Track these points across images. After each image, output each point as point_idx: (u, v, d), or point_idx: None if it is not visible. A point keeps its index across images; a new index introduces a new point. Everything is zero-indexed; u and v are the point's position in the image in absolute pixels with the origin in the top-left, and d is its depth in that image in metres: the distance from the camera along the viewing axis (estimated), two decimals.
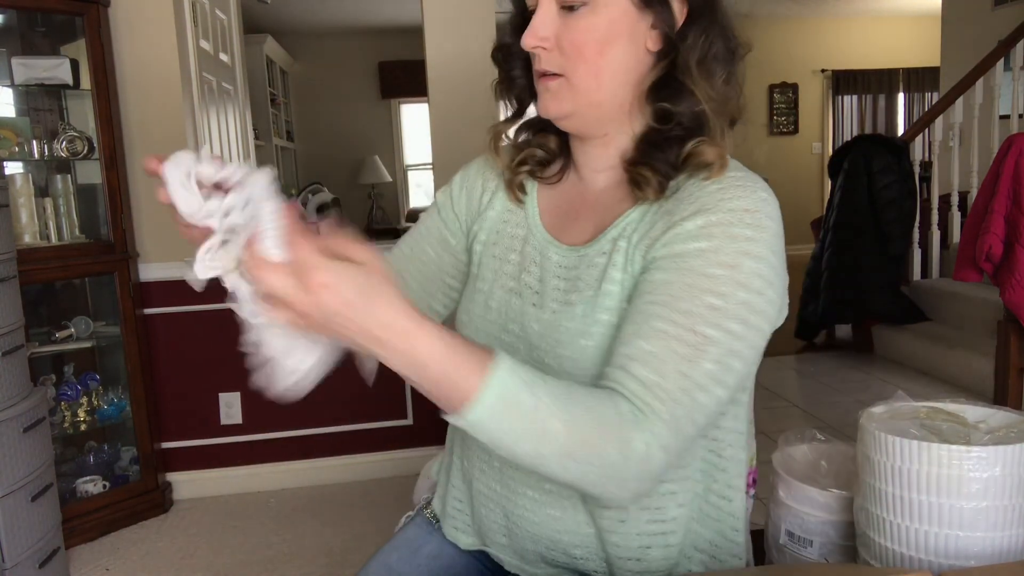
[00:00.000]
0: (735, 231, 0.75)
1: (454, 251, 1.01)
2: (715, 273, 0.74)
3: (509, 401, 0.67)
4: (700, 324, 0.73)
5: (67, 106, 2.73)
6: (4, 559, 1.89)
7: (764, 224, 0.76)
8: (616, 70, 0.82)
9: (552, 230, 0.91)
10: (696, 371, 0.73)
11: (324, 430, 2.95)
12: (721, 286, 0.74)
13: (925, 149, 5.17)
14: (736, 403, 0.88)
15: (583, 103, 0.83)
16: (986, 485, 0.75)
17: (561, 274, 0.88)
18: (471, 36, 2.80)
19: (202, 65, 3.05)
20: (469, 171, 1.03)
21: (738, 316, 0.74)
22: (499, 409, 0.67)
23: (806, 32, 8.20)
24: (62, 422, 2.59)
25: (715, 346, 0.73)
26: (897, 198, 4.04)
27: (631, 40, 0.81)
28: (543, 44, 0.82)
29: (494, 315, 0.92)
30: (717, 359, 0.74)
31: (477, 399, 0.66)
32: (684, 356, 0.73)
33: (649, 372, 0.73)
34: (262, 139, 5.74)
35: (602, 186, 0.90)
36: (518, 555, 0.94)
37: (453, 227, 1.01)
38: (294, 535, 2.55)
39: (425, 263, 1.02)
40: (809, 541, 0.94)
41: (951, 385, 3.65)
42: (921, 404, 0.89)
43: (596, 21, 0.80)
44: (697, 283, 0.74)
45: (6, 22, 2.70)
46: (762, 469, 0.98)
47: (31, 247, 2.47)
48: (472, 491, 0.98)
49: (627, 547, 0.87)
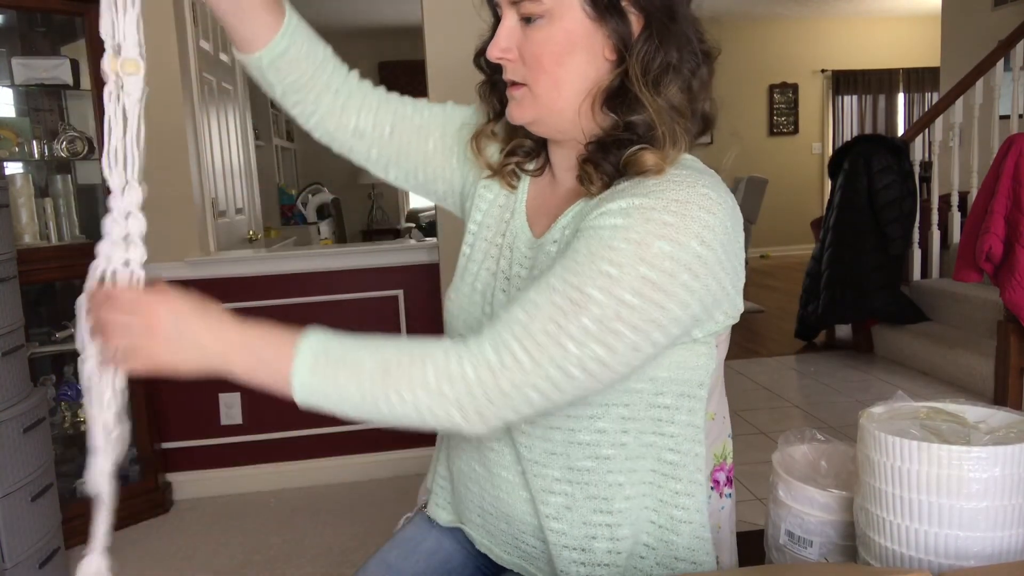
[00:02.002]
0: (654, 215, 0.76)
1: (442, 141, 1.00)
2: (618, 246, 0.75)
3: (320, 353, 0.76)
4: (588, 286, 0.75)
5: (67, 106, 2.73)
6: (4, 559, 1.89)
7: (693, 214, 0.76)
8: (575, 79, 0.83)
9: (529, 220, 0.94)
10: (570, 324, 0.75)
11: (324, 430, 2.95)
12: (620, 257, 0.75)
13: (925, 149, 5.17)
14: (692, 398, 0.88)
15: (545, 111, 0.85)
16: (986, 485, 0.75)
17: (523, 263, 0.92)
18: (471, 36, 2.79)
19: (202, 65, 3.05)
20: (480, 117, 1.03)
21: (633, 287, 0.74)
22: (314, 364, 0.76)
23: (806, 32, 8.20)
24: (62, 422, 2.59)
25: (598, 307, 0.75)
26: (897, 198, 4.04)
27: (588, 50, 0.82)
28: (506, 55, 0.84)
29: (478, 297, 0.95)
30: (599, 319, 0.74)
31: (294, 361, 0.76)
32: (562, 308, 0.75)
33: (521, 313, 0.77)
34: (262, 139, 5.73)
35: (568, 184, 0.92)
36: (490, 535, 0.97)
37: (452, 130, 1.01)
38: (294, 535, 2.56)
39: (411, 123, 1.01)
40: (809, 541, 0.94)
41: (951, 385, 3.65)
42: (921, 404, 0.90)
43: (552, 33, 0.81)
44: (598, 251, 0.76)
45: (6, 22, 2.70)
46: (762, 469, 0.98)
47: (31, 247, 2.47)
48: (453, 469, 1.01)
49: (572, 535, 0.88)
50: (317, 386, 0.77)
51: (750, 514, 2.36)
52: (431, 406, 0.76)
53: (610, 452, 0.86)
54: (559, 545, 0.89)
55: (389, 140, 0.99)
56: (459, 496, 1.01)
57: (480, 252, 0.97)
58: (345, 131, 0.99)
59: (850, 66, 8.35)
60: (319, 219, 6.10)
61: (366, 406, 0.77)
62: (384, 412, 0.77)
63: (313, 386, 0.77)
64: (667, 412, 0.87)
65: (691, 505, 0.90)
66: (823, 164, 8.05)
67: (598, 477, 0.86)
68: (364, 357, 0.77)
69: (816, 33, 8.24)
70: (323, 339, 0.78)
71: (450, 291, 1.00)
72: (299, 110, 0.98)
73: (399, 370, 0.76)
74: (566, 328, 0.75)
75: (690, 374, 0.86)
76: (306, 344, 0.77)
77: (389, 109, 1.00)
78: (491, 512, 0.96)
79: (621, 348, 0.76)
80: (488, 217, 0.98)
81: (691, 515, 0.90)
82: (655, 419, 0.86)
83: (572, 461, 0.86)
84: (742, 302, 0.85)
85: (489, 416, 0.77)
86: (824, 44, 8.30)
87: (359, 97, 0.99)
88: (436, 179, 1.02)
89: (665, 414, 0.87)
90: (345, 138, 1.00)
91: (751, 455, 2.74)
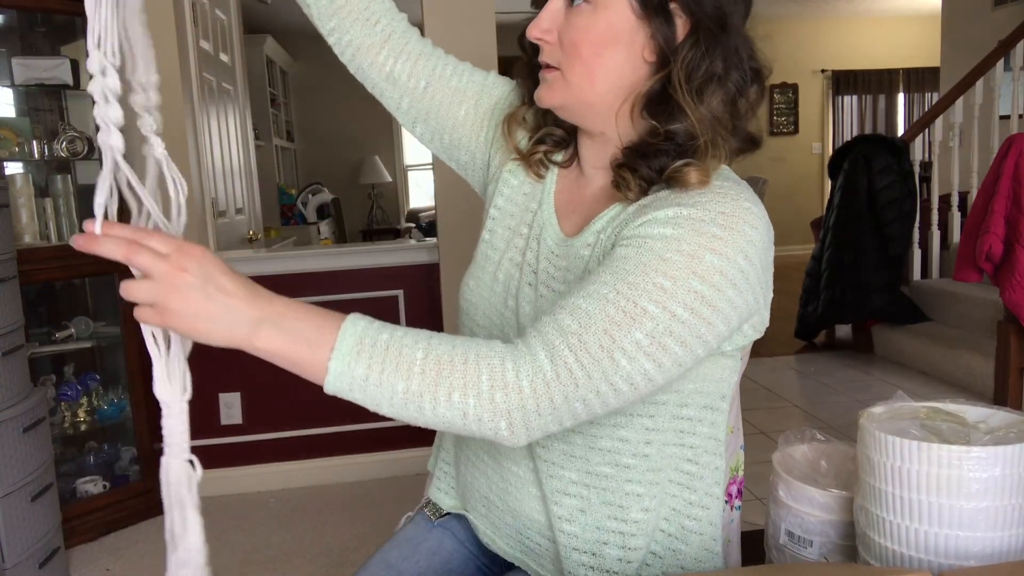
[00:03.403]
0: (704, 228, 0.75)
1: (475, 112, 0.98)
2: (671, 258, 0.74)
3: (366, 342, 0.70)
4: (643, 299, 0.73)
5: (67, 106, 2.73)
6: (4, 559, 1.89)
7: (739, 228, 0.76)
8: (609, 74, 0.81)
9: (557, 214, 0.92)
10: (624, 337, 0.73)
11: (324, 430, 2.95)
12: (674, 270, 0.74)
13: (925, 149, 5.18)
14: (714, 410, 0.88)
15: (573, 99, 0.84)
16: (986, 485, 0.75)
17: (551, 260, 0.89)
18: (471, 36, 2.81)
19: (202, 65, 3.05)
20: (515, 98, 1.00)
21: (685, 302, 0.73)
22: (358, 349, 0.70)
23: (806, 32, 8.20)
24: (62, 422, 2.59)
25: (652, 320, 0.73)
26: (897, 198, 4.04)
27: (628, 47, 0.80)
28: (545, 37, 0.83)
29: (500, 287, 0.93)
30: (651, 333, 0.73)
31: (336, 343, 0.69)
32: (616, 321, 0.73)
33: (572, 321, 0.73)
34: (262, 139, 5.73)
35: (599, 183, 0.90)
36: (494, 527, 0.96)
37: (487, 104, 0.98)
38: (294, 535, 2.55)
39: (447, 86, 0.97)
40: (809, 541, 0.94)
41: (951, 385, 3.65)
42: (921, 404, 0.89)
43: (595, 21, 0.80)
44: (651, 263, 0.74)
45: (6, 22, 2.70)
46: (762, 469, 0.98)
47: (31, 247, 2.47)
48: (460, 456, 0.99)
49: (583, 539, 0.87)
50: (357, 374, 0.70)
51: (750, 514, 2.36)
52: (480, 415, 0.72)
53: (631, 461, 0.85)
54: (569, 547, 0.88)
55: (423, 95, 0.96)
56: (464, 483, 1.00)
57: (502, 240, 0.95)
58: (380, 72, 0.96)
59: (850, 66, 8.35)
60: (319, 219, 6.10)
61: (408, 403, 0.71)
62: (426, 412, 0.72)
63: (352, 373, 0.70)
64: (689, 424, 0.86)
65: (704, 517, 0.89)
66: (823, 164, 8.05)
67: (616, 484, 0.85)
68: (414, 351, 0.71)
69: (816, 33, 8.24)
70: (368, 324, 0.71)
71: (468, 279, 0.97)
72: (335, 38, 0.95)
73: (452, 371, 0.71)
74: (619, 341, 0.72)
75: (714, 386, 0.86)
76: (351, 326, 0.70)
77: (429, 64, 0.96)
78: (497, 504, 0.94)
79: (668, 363, 0.74)
80: (511, 204, 0.96)
81: (703, 527, 0.90)
82: (678, 431, 0.86)
83: (591, 466, 0.85)
84: (769, 316, 0.85)
85: (534, 428, 0.73)
86: (824, 44, 8.30)
87: (400, 41, 0.95)
88: (461, 147, 1.00)
89: (687, 426, 0.86)
90: (378, 79, 0.96)
91: (751, 455, 2.73)
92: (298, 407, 2.92)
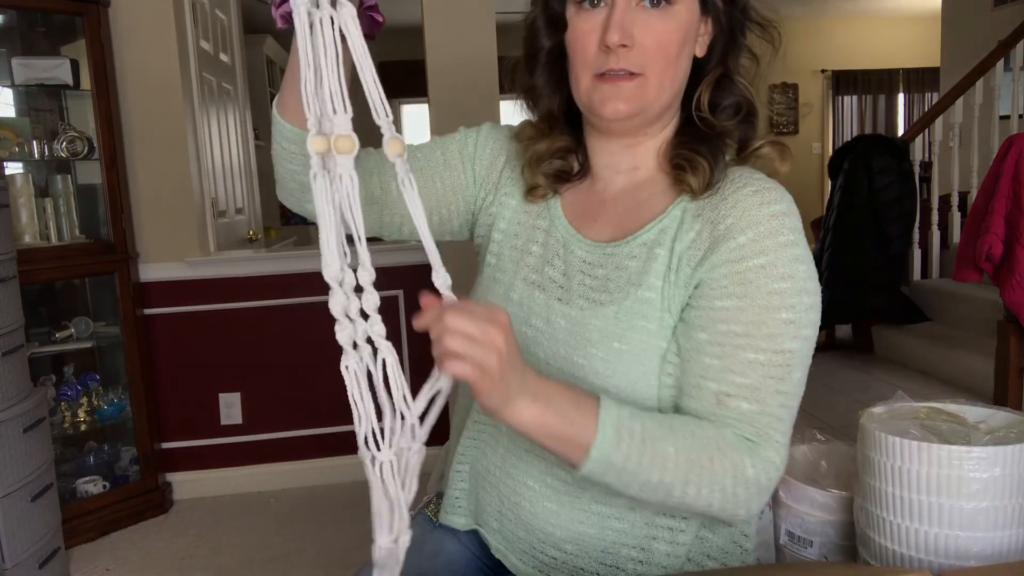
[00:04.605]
0: (782, 239, 0.79)
1: (461, 173, 1.00)
2: (780, 288, 0.78)
3: (623, 430, 0.73)
4: (784, 342, 0.78)
5: (67, 106, 2.73)
6: (4, 559, 1.89)
7: (797, 225, 0.81)
8: (681, 73, 0.84)
9: (575, 224, 0.91)
10: (788, 385, 0.79)
11: (324, 430, 2.95)
12: (790, 299, 0.78)
13: (925, 149, 5.17)
14: None
15: (652, 103, 0.83)
16: (986, 485, 0.75)
17: (586, 270, 0.87)
18: (471, 36, 2.80)
19: (202, 65, 3.05)
20: (495, 133, 1.01)
21: (809, 321, 0.79)
22: (617, 440, 0.73)
23: (806, 32, 8.19)
24: (62, 422, 2.59)
25: (798, 356, 0.79)
26: (897, 198, 4.04)
27: (692, 44, 0.84)
28: (627, 42, 0.80)
29: (515, 308, 0.91)
30: (802, 364, 0.80)
31: (597, 430, 0.72)
32: (777, 377, 0.78)
33: (750, 404, 0.79)
34: (262, 139, 5.73)
35: (621, 187, 0.90)
36: (506, 541, 0.95)
37: (468, 158, 1.00)
38: (294, 535, 2.55)
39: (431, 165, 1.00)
40: (809, 541, 0.94)
41: (951, 385, 3.64)
42: (921, 404, 0.90)
43: (678, 21, 0.81)
44: (769, 303, 0.78)
45: (6, 22, 2.70)
46: None
47: (31, 247, 2.47)
48: (473, 472, 0.98)
49: (633, 535, 0.87)
50: (616, 462, 0.73)
51: None
52: (723, 506, 0.78)
53: None
54: (618, 543, 0.87)
55: (398, 197, 0.95)
56: (476, 498, 0.98)
57: (510, 262, 0.94)
58: None
59: (850, 66, 8.34)
60: None
61: (657, 491, 0.76)
62: (674, 498, 0.77)
63: (611, 461, 0.73)
64: None
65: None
66: (823, 164, 8.05)
67: None
68: (667, 445, 0.75)
69: (816, 33, 8.23)
70: (619, 411, 0.74)
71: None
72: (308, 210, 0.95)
73: (700, 468, 0.76)
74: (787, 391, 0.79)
75: None
76: (607, 415, 0.73)
77: (387, 166, 0.96)
78: (509, 519, 0.92)
79: (799, 392, 0.82)
80: (514, 225, 0.95)
81: (744, 524, 0.91)
82: None
83: None
84: None
85: (756, 508, 0.81)
86: (824, 44, 8.29)
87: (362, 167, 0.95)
88: (452, 216, 1.00)
89: None
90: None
91: None
92: (298, 407, 2.92)
